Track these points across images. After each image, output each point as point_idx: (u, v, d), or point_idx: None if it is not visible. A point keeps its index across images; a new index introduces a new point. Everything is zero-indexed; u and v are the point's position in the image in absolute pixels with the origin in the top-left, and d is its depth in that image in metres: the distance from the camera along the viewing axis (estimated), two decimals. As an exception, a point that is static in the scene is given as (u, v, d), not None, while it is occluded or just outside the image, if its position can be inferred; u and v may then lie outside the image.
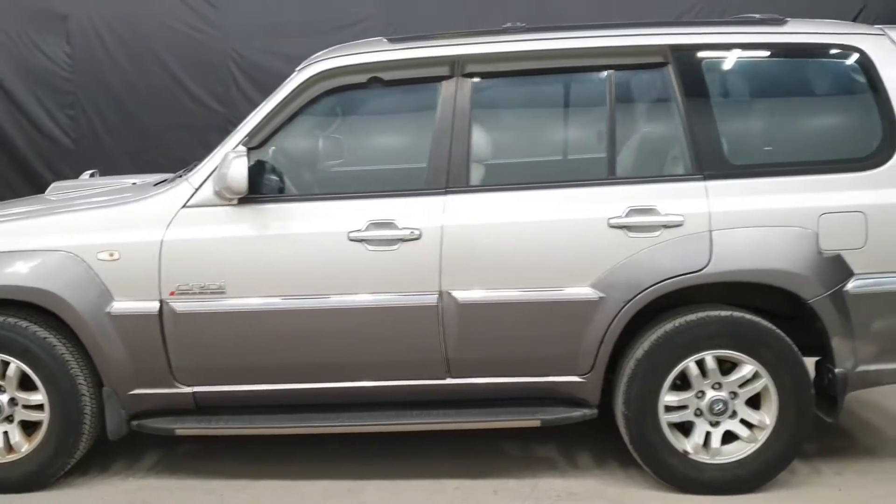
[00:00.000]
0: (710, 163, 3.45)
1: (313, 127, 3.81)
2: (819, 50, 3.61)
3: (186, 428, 3.60)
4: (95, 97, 7.50)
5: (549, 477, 3.71)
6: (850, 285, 3.38)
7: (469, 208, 3.46)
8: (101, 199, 3.81)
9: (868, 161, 3.44)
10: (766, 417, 3.47)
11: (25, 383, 3.59)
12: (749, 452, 3.49)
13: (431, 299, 3.44)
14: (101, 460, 3.89)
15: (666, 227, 3.39)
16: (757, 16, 3.72)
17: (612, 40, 3.57)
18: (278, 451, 3.93)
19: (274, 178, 3.57)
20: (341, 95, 3.68)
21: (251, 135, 3.52)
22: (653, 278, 3.38)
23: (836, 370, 3.44)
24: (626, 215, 3.39)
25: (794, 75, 3.79)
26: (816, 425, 3.60)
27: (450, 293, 3.43)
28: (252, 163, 3.47)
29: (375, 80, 3.55)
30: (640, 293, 3.38)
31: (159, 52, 7.55)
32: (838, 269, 3.38)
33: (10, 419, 3.62)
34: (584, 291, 3.41)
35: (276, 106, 3.54)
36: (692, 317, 3.44)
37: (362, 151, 4.14)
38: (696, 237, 3.38)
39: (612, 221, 3.39)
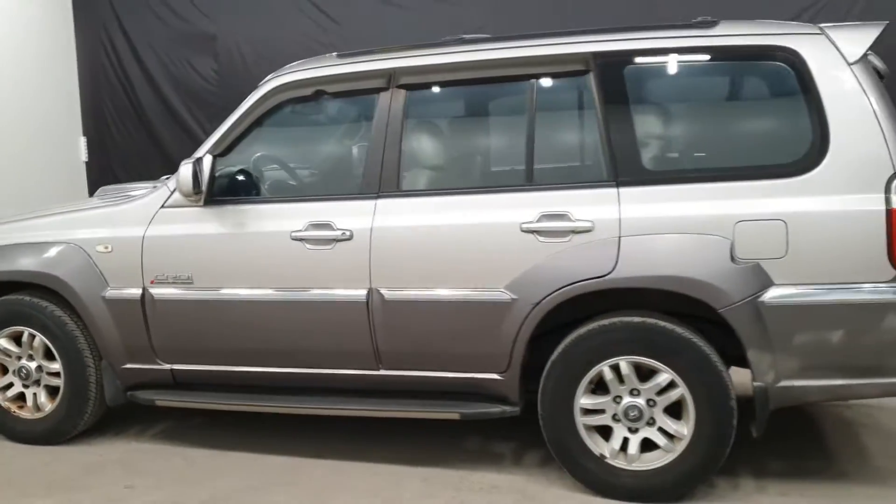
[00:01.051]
0: (625, 170, 3.44)
1: (270, 136, 4.18)
2: (749, 52, 3.46)
3: (164, 400, 4.13)
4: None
5: (483, 470, 3.84)
6: (768, 296, 3.25)
7: (397, 211, 3.69)
8: (106, 201, 4.40)
9: (792, 167, 3.28)
10: (684, 428, 3.41)
11: (48, 354, 4.27)
12: (666, 462, 3.44)
13: (362, 295, 3.70)
14: (118, 426, 4.52)
15: (576, 232, 3.43)
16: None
17: (535, 49, 3.64)
18: (255, 426, 4.35)
19: (235, 181, 3.99)
20: (294, 107, 4.03)
21: (217, 143, 3.97)
22: (559, 282, 3.44)
23: (755, 383, 3.33)
24: (538, 220, 3.47)
25: (722, 79, 3.67)
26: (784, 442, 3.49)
27: (378, 290, 3.68)
28: (221, 168, 3.94)
29: (320, 92, 3.87)
30: (547, 296, 3.45)
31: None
32: (754, 278, 3.26)
33: (38, 383, 4.32)
34: (497, 293, 3.53)
35: (239, 117, 3.97)
36: (605, 322, 3.45)
37: (312, 158, 4.46)
38: (605, 243, 3.40)
39: (524, 226, 3.48)
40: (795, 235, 3.23)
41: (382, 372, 3.80)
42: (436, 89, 3.90)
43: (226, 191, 3.97)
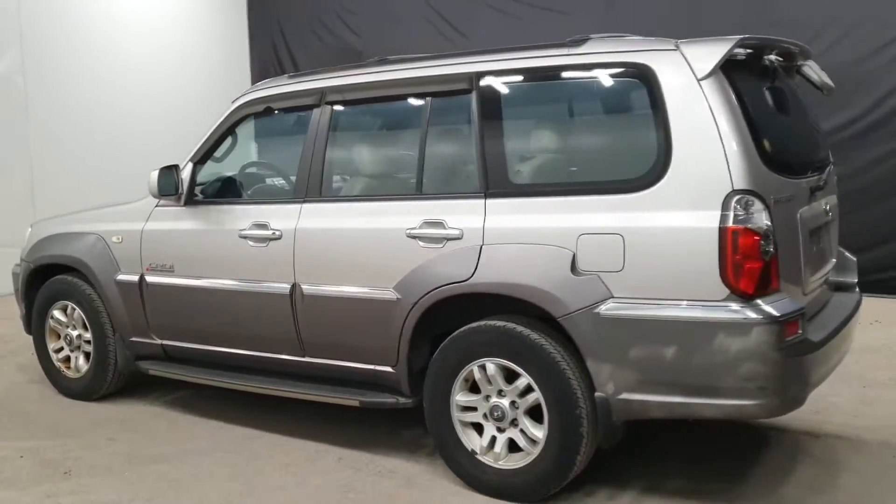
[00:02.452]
0: (494, 182, 3.63)
1: (232, 145, 4.74)
2: (607, 69, 3.49)
3: (154, 370, 4.85)
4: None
5: (392, 456, 4.15)
6: (604, 308, 3.31)
7: (316, 215, 4.12)
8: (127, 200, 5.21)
9: (635, 183, 3.30)
10: (540, 432, 3.53)
11: (85, 325, 5.16)
12: (524, 464, 3.58)
13: (287, 289, 4.18)
14: (144, 391, 5.32)
15: (449, 239, 3.68)
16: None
17: (430, 70, 3.91)
18: (244, 401, 4.92)
19: (204, 185, 4.62)
20: (255, 121, 4.58)
21: (197, 152, 4.63)
22: (432, 284, 3.69)
23: (596, 394, 3.39)
24: (420, 227, 3.75)
25: (584, 96, 3.71)
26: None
27: (300, 285, 4.14)
28: (200, 174, 4.61)
29: (269, 109, 4.40)
30: (423, 296, 3.72)
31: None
32: (593, 290, 3.33)
33: (78, 348, 5.22)
34: (388, 292, 3.84)
35: (213, 130, 4.60)
36: (474, 324, 3.66)
37: (265, 165, 4.95)
38: (470, 250, 3.61)
39: (409, 232, 3.78)
40: (632, 250, 3.27)
41: (307, 359, 4.25)
42: (353, 106, 4.28)
43: (200, 193, 4.61)
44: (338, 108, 4.19)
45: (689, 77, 3.24)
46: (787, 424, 4.47)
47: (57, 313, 5.25)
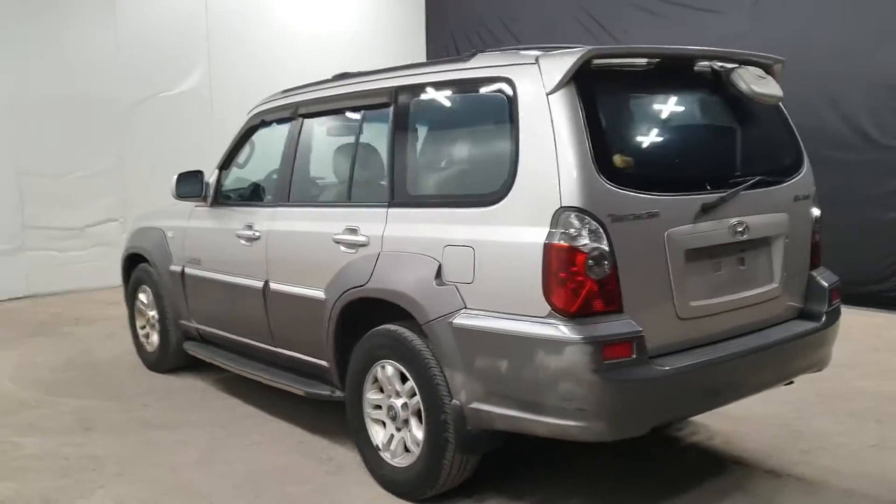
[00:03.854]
0: (396, 192, 3.82)
1: (242, 153, 5.23)
2: (482, 84, 3.51)
3: (191, 350, 5.54)
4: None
5: (342, 445, 4.44)
6: (456, 318, 3.39)
7: (281, 218, 4.55)
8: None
9: (488, 197, 3.35)
10: (420, 433, 3.67)
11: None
12: (408, 463, 3.75)
13: (260, 285, 4.64)
14: (207, 367, 6.06)
15: (359, 245, 3.93)
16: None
17: (364, 85, 4.14)
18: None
19: (223, 188, 5.20)
20: (259, 131, 5.07)
21: (222, 159, 5.23)
22: (343, 287, 3.97)
23: (452, 402, 3.47)
24: (342, 233, 4.03)
25: (462, 111, 3.71)
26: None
27: (269, 282, 4.59)
28: (225, 178, 5.23)
29: (264, 122, 4.89)
30: (338, 298, 4.00)
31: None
32: (451, 300, 3.43)
33: (154, 327, 6.07)
34: (319, 291, 4.16)
35: (234, 138, 5.18)
36: (377, 328, 3.87)
37: (261, 171, 5.30)
38: (371, 257, 3.84)
39: (334, 237, 4.08)
40: (480, 262, 3.34)
41: (277, 349, 4.68)
42: (313, 119, 4.61)
43: (220, 195, 5.21)
44: (305, 121, 4.58)
45: (540, 91, 3.23)
46: (760, 460, 4.19)
47: (142, 296, 6.14)
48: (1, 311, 8.75)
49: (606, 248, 3.09)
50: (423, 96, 3.87)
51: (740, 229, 3.51)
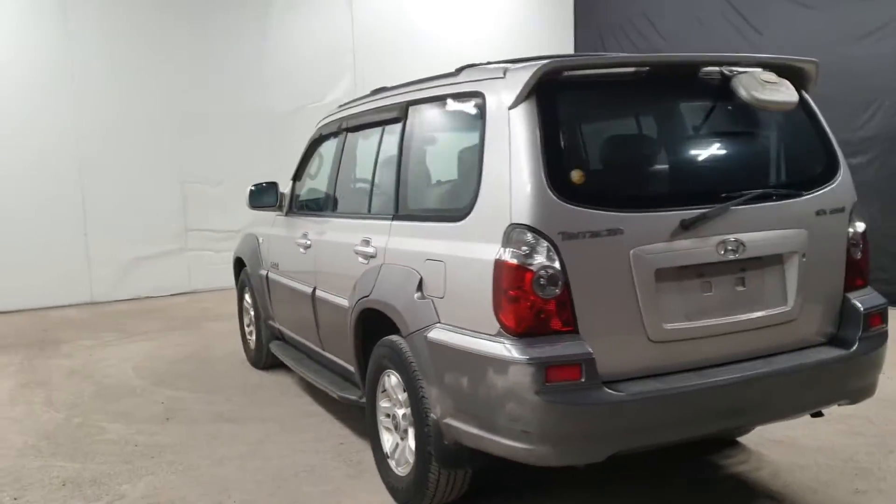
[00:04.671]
0: (400, 206, 3.88)
1: (311, 164, 5.43)
2: (461, 99, 3.47)
3: (273, 349, 5.88)
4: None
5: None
6: (430, 332, 3.41)
7: (325, 228, 4.74)
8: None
9: (458, 212, 3.34)
10: (413, 445, 3.72)
11: (256, 307, 6.43)
12: (405, 472, 3.80)
13: (310, 291, 4.87)
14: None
15: (370, 256, 4.03)
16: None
17: (386, 100, 4.21)
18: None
19: (295, 198, 5.48)
20: (322, 143, 5.29)
21: (295, 170, 5.53)
22: (357, 296, 4.07)
23: (430, 415, 3.48)
24: (360, 244, 4.16)
25: (447, 125, 3.67)
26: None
27: (316, 289, 4.80)
28: (299, 189, 5.53)
29: (322, 135, 5.12)
30: (353, 307, 4.13)
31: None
32: (428, 313, 3.44)
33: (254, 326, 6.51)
34: (344, 300, 4.31)
35: (304, 150, 5.45)
36: (384, 337, 3.94)
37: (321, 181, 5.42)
38: (376, 268, 3.93)
39: (354, 248, 4.20)
40: (449, 277, 3.34)
41: (324, 352, 4.89)
42: (352, 133, 4.73)
43: (294, 205, 5.50)
44: (345, 134, 4.75)
45: (503, 105, 3.18)
46: (801, 497, 3.85)
47: (246, 297, 6.60)
48: (163, 304, 9.71)
49: (558, 267, 2.99)
50: (421, 111, 3.92)
51: (732, 247, 3.23)
